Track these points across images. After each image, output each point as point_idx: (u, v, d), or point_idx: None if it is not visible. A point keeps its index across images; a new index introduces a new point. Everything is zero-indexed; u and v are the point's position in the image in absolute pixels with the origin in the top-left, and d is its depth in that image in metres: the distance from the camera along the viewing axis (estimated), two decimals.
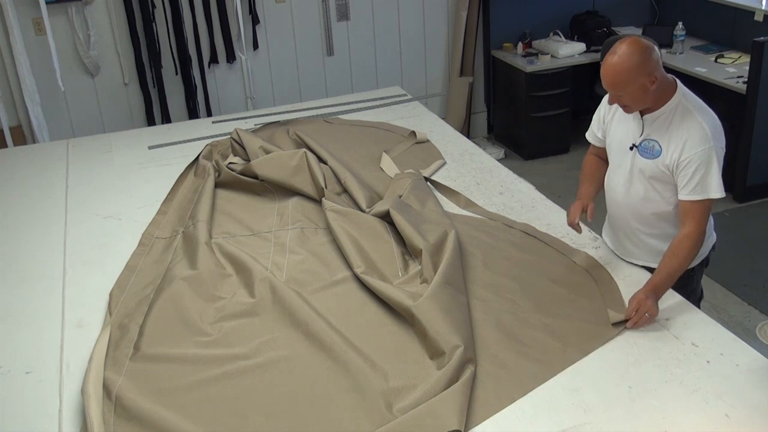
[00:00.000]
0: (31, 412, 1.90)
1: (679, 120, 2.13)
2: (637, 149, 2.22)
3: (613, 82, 2.09)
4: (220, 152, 3.31)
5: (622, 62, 2.05)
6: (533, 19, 5.35)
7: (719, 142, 2.11)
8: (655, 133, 2.17)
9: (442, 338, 1.95)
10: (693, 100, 2.17)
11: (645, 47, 2.07)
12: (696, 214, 2.11)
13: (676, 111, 2.14)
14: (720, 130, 2.13)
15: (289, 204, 2.84)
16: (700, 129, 2.09)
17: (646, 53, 2.06)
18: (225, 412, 1.83)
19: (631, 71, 2.05)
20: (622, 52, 2.06)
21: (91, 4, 4.42)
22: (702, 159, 2.07)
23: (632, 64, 2.05)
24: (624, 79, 2.06)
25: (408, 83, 5.11)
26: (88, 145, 3.68)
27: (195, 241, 2.55)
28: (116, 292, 2.36)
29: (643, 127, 2.20)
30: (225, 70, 4.88)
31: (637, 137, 2.22)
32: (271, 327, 2.13)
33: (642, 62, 2.05)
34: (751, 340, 3.20)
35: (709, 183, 2.09)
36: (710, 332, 2.01)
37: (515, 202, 2.83)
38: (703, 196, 2.10)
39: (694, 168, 2.09)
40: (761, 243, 4.09)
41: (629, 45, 2.07)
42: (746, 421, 1.71)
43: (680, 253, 2.10)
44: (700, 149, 2.08)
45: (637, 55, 2.05)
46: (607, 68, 2.09)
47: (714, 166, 2.08)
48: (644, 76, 2.06)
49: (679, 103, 2.14)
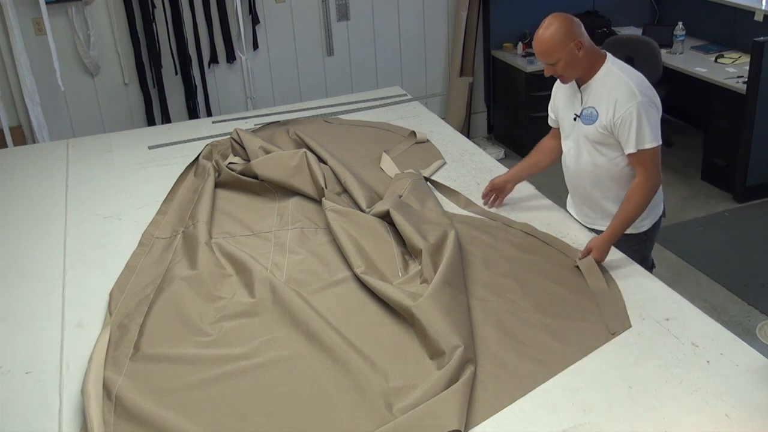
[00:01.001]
0: (31, 412, 1.90)
1: (610, 84, 2.37)
2: (579, 118, 2.47)
3: (544, 52, 2.34)
4: (220, 152, 3.31)
5: (548, 32, 2.32)
6: (533, 19, 5.30)
7: (646, 96, 2.33)
8: (592, 100, 2.42)
9: (442, 338, 1.95)
10: (621, 66, 2.42)
11: (567, 17, 2.34)
12: (642, 164, 2.34)
13: (606, 76, 2.39)
14: (647, 86, 2.36)
15: (289, 204, 2.84)
16: (627, 87, 2.33)
17: (567, 21, 2.33)
18: (225, 412, 1.83)
19: (557, 39, 2.31)
20: (547, 25, 2.34)
21: (91, 4, 4.42)
22: (633, 114, 2.30)
23: (557, 32, 2.31)
24: (553, 47, 2.32)
25: (408, 83, 5.11)
26: (88, 145, 3.67)
27: (195, 241, 2.54)
28: (116, 292, 2.36)
29: (581, 97, 2.46)
30: (225, 70, 4.88)
31: (578, 107, 2.47)
32: (271, 327, 2.13)
33: (566, 30, 2.31)
34: (751, 340, 3.20)
35: (645, 134, 2.31)
36: (710, 332, 2.01)
37: (515, 202, 2.83)
38: (641, 147, 2.32)
39: (628, 123, 2.31)
40: (761, 243, 4.09)
41: (552, 18, 2.34)
42: (746, 421, 1.71)
43: (633, 198, 2.33)
44: (629, 105, 2.30)
45: (560, 23, 2.32)
46: (537, 41, 2.35)
47: (644, 118, 2.30)
48: (570, 42, 2.31)
49: (608, 69, 2.39)
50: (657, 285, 2.24)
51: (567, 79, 2.43)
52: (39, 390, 1.98)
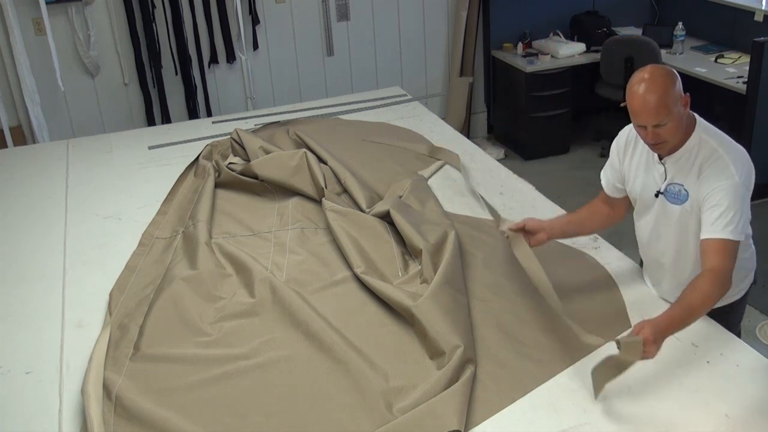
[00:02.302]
0: (31, 412, 1.90)
1: (704, 157, 1.96)
2: (663, 196, 2.05)
3: (655, 110, 1.88)
4: (220, 152, 3.31)
5: (658, 86, 1.88)
6: (533, 19, 5.35)
7: (746, 178, 1.93)
8: (679, 176, 2.00)
9: (442, 338, 1.95)
10: (714, 134, 2.01)
11: (668, 69, 1.94)
12: (719, 255, 1.88)
13: (698, 148, 1.98)
14: (746, 163, 1.96)
15: (289, 204, 2.84)
16: (723, 163, 1.93)
17: (673, 73, 1.92)
18: (225, 412, 1.83)
19: (671, 94, 1.88)
20: (653, 74, 1.89)
21: (91, 4, 4.42)
22: (724, 193, 1.89)
23: (670, 86, 1.89)
24: (667, 103, 1.87)
25: (408, 83, 5.11)
26: (88, 145, 3.68)
27: (195, 241, 2.54)
28: (116, 292, 2.36)
29: (665, 171, 2.03)
30: (225, 70, 4.88)
31: (661, 183, 2.05)
32: (271, 327, 2.13)
33: (675, 80, 1.91)
34: (751, 340, 3.20)
35: (734, 221, 1.88)
36: (710, 332, 2.01)
37: (515, 202, 2.83)
38: (723, 235, 1.88)
39: (717, 203, 1.90)
40: (761, 243, 4.08)
41: (653, 69, 1.91)
42: (746, 421, 1.71)
43: (700, 289, 1.84)
44: (722, 183, 1.91)
45: (667, 75, 1.90)
46: (646, 99, 1.88)
47: (739, 203, 1.89)
48: (680, 99, 1.91)
49: (700, 139, 1.98)
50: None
51: (667, 147, 1.98)
52: (39, 390, 1.98)
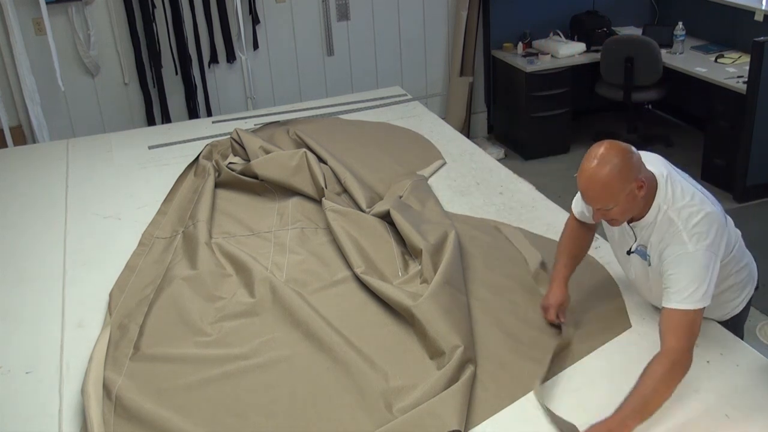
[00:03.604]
0: (31, 412, 1.90)
1: (662, 231, 1.86)
2: (634, 254, 2.00)
3: (602, 194, 1.81)
4: (220, 152, 3.31)
5: (604, 171, 1.78)
6: (533, 19, 5.35)
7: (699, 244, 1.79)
8: (645, 240, 1.94)
9: (442, 338, 1.95)
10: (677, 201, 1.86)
11: (625, 148, 1.82)
12: (674, 331, 1.76)
13: (657, 222, 1.87)
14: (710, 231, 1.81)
15: (289, 204, 2.84)
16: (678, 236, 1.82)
17: (629, 154, 1.81)
18: (225, 412, 1.83)
19: (619, 178, 1.78)
20: (604, 157, 1.79)
21: (91, 4, 4.42)
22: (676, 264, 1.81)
23: (617, 171, 1.77)
24: (615, 189, 1.79)
25: (408, 83, 5.11)
26: (88, 145, 3.68)
27: (195, 241, 2.54)
28: (116, 292, 2.36)
29: (634, 233, 1.96)
30: (225, 70, 4.87)
31: (632, 243, 1.99)
32: (271, 327, 2.13)
33: (627, 167, 1.79)
34: (751, 340, 3.20)
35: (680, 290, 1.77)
36: (710, 332, 2.01)
37: (515, 202, 2.83)
38: (673, 306, 1.78)
39: (668, 274, 1.82)
40: (761, 243, 4.08)
41: (607, 149, 1.80)
42: (746, 421, 1.71)
43: (654, 373, 1.71)
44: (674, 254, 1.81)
45: (620, 158, 1.79)
46: (591, 179, 1.80)
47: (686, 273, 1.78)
48: (633, 182, 1.79)
49: (659, 211, 1.86)
50: None
51: (620, 223, 1.92)
52: (39, 390, 1.98)
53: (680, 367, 1.73)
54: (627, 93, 4.97)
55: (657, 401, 1.69)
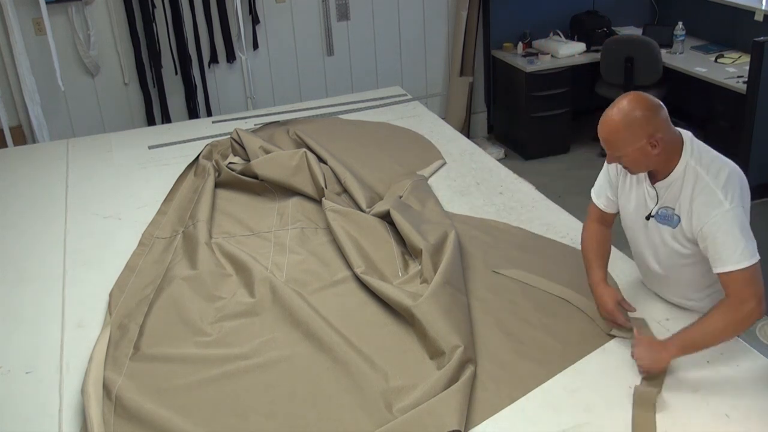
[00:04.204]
0: (31, 412, 1.90)
1: (691, 186, 1.88)
2: (654, 219, 1.98)
3: (609, 141, 1.86)
4: (220, 152, 3.31)
5: (620, 119, 1.82)
6: (533, 19, 5.35)
7: (735, 200, 1.86)
8: (670, 200, 1.93)
9: (442, 338, 1.95)
10: (703, 158, 1.91)
11: (650, 105, 1.84)
12: (730, 287, 1.82)
13: (685, 176, 1.89)
14: (734, 186, 1.89)
15: (289, 204, 2.84)
16: (711, 193, 1.86)
17: (649, 112, 1.83)
18: (225, 412, 1.83)
19: (629, 131, 1.82)
20: (623, 108, 1.83)
21: (91, 4, 4.42)
22: (719, 226, 1.83)
23: (631, 123, 1.81)
24: (621, 139, 1.84)
25: (408, 83, 5.11)
26: (88, 145, 3.68)
27: (195, 241, 2.54)
28: (116, 292, 2.36)
29: (656, 194, 1.96)
30: (225, 70, 4.87)
31: (652, 206, 1.98)
32: (271, 327, 2.13)
33: (643, 122, 1.81)
34: (751, 340, 3.19)
35: (732, 251, 1.81)
36: None
37: (515, 202, 2.83)
38: (729, 268, 1.81)
39: (712, 238, 1.84)
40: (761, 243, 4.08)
41: (631, 101, 1.84)
42: (746, 421, 1.71)
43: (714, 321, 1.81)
44: (714, 216, 1.84)
45: (639, 112, 1.82)
46: (603, 123, 1.86)
47: (735, 230, 1.82)
48: (644, 138, 1.82)
49: (687, 165, 1.89)
50: None
51: (632, 171, 1.95)
52: (39, 390, 1.98)
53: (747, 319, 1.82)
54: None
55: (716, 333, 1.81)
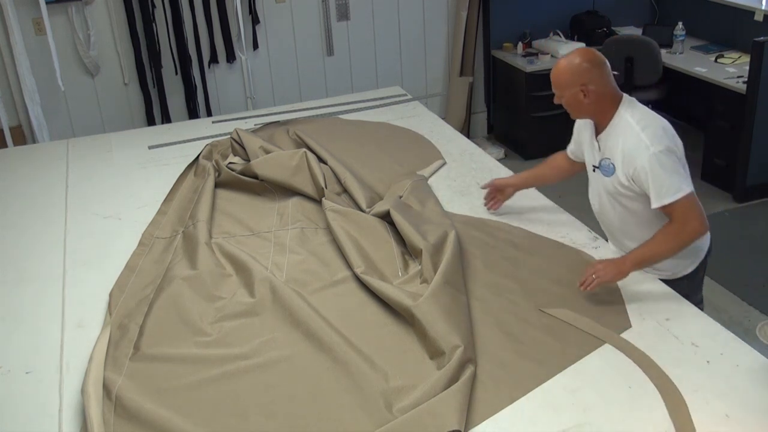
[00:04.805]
0: (31, 412, 1.90)
1: (622, 136, 2.16)
2: (598, 169, 2.28)
3: (553, 81, 2.22)
4: (220, 152, 3.31)
5: (564, 64, 2.17)
6: (533, 19, 5.35)
7: (659, 145, 2.09)
8: (608, 151, 2.22)
9: (442, 338, 1.95)
10: (635, 111, 2.18)
11: (592, 59, 2.14)
12: (673, 215, 2.11)
13: (618, 127, 2.18)
14: (661, 133, 2.12)
15: (289, 204, 2.84)
16: (636, 139, 2.12)
17: (589, 64, 2.13)
18: (225, 412, 1.83)
19: (567, 75, 2.15)
20: (570, 56, 2.17)
21: (91, 4, 4.42)
22: (647, 168, 2.09)
23: (570, 70, 2.15)
24: (561, 82, 2.18)
25: (408, 83, 5.11)
26: (88, 145, 3.68)
27: (195, 241, 2.54)
28: (116, 292, 2.36)
29: (599, 146, 2.26)
30: (225, 70, 4.88)
31: (597, 158, 2.28)
32: (271, 327, 2.13)
33: (581, 71, 2.13)
34: (751, 340, 3.20)
35: (665, 187, 2.08)
36: (710, 332, 2.01)
37: (515, 202, 2.83)
38: (664, 201, 2.09)
39: (644, 178, 2.11)
40: (761, 243, 4.09)
41: (579, 52, 2.17)
42: (746, 421, 1.71)
43: (662, 239, 2.10)
44: (642, 159, 2.10)
45: (580, 62, 2.13)
46: (553, 69, 2.22)
47: (659, 171, 2.07)
48: (576, 85, 2.13)
49: (620, 118, 2.18)
50: (657, 285, 2.24)
51: (572, 116, 2.32)
52: (39, 390, 1.98)
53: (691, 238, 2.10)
54: (627, 93, 4.96)
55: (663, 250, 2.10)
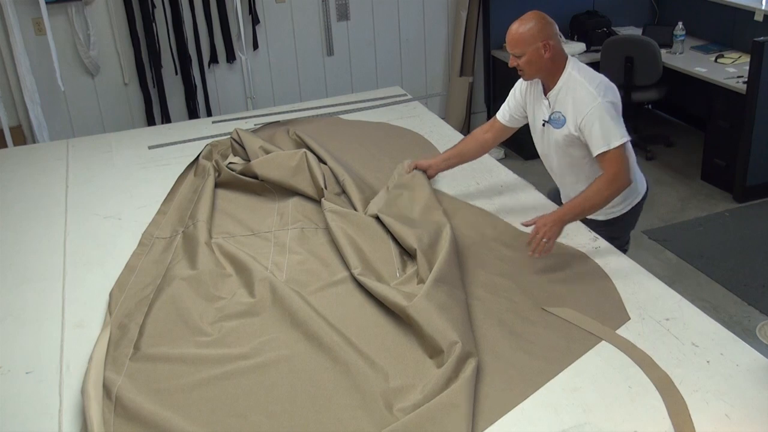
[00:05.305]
0: (31, 412, 1.90)
1: (572, 89, 2.44)
2: (549, 123, 2.54)
3: (514, 43, 2.43)
4: (220, 152, 3.31)
5: (522, 26, 2.41)
6: None
7: (606, 97, 2.38)
8: (558, 105, 2.49)
9: (439, 336, 1.94)
10: (581, 69, 2.48)
11: (543, 17, 2.44)
12: (609, 162, 2.35)
13: (568, 82, 2.46)
14: (606, 88, 2.41)
15: (289, 204, 2.84)
16: (586, 91, 2.40)
17: (544, 21, 2.42)
18: (225, 412, 1.83)
19: (530, 33, 2.40)
20: (525, 18, 2.43)
21: (91, 4, 4.42)
22: (594, 116, 2.36)
23: (532, 28, 2.40)
24: (523, 40, 2.41)
25: (408, 83, 5.11)
26: (88, 145, 3.67)
27: (195, 241, 2.54)
28: (116, 292, 2.36)
29: (549, 103, 2.52)
30: (225, 70, 4.88)
31: (546, 113, 2.54)
32: (271, 327, 2.13)
33: (541, 28, 2.40)
34: (751, 340, 3.20)
35: (608, 134, 2.34)
36: (710, 332, 2.01)
37: (515, 202, 2.83)
38: (607, 147, 2.35)
39: (591, 126, 2.36)
40: (761, 243, 4.09)
41: (532, 14, 2.43)
42: (746, 421, 1.71)
43: (594, 192, 2.35)
44: (590, 108, 2.37)
45: (537, 21, 2.41)
46: (510, 32, 2.44)
47: (606, 119, 2.35)
48: (539, 41, 2.39)
49: (569, 75, 2.46)
50: (657, 285, 2.24)
51: (527, 76, 2.51)
52: (39, 390, 1.98)
53: (620, 188, 2.37)
54: (627, 93, 4.96)
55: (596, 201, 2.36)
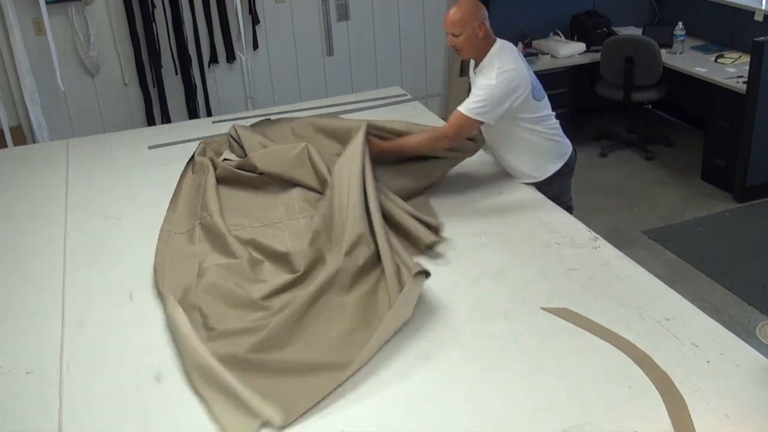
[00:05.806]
0: (31, 412, 1.90)
1: (486, 67, 2.73)
2: None
3: (453, 23, 2.71)
4: (214, 149, 3.29)
5: (460, 9, 2.71)
6: (533, 19, 5.35)
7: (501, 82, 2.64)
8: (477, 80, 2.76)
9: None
10: (502, 55, 2.72)
11: (477, 3, 2.77)
12: (450, 122, 2.72)
13: (487, 61, 2.74)
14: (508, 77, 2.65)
15: (293, 195, 2.82)
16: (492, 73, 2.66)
17: (478, 5, 2.75)
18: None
19: (469, 14, 2.71)
20: (461, 3, 2.73)
21: (91, 4, 4.42)
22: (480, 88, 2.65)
23: (467, 10, 2.71)
24: (461, 20, 2.69)
25: (408, 83, 5.11)
26: (88, 145, 3.67)
27: (218, 233, 2.56)
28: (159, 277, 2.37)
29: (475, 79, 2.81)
30: (225, 70, 4.88)
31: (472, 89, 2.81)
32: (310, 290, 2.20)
33: (476, 11, 2.72)
34: (751, 340, 3.20)
35: (473, 103, 2.64)
36: (710, 332, 2.01)
37: (515, 202, 2.83)
38: (462, 109, 2.66)
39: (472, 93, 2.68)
40: (761, 243, 4.09)
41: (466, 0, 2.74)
42: (746, 421, 1.71)
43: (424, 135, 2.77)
44: (484, 84, 2.65)
45: (472, 5, 2.73)
46: (449, 13, 2.74)
47: (484, 94, 2.63)
48: (475, 21, 2.70)
49: (490, 55, 2.74)
50: (657, 285, 2.24)
51: (463, 53, 2.79)
52: (39, 390, 1.98)
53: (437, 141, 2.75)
54: (627, 93, 4.97)
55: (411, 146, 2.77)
